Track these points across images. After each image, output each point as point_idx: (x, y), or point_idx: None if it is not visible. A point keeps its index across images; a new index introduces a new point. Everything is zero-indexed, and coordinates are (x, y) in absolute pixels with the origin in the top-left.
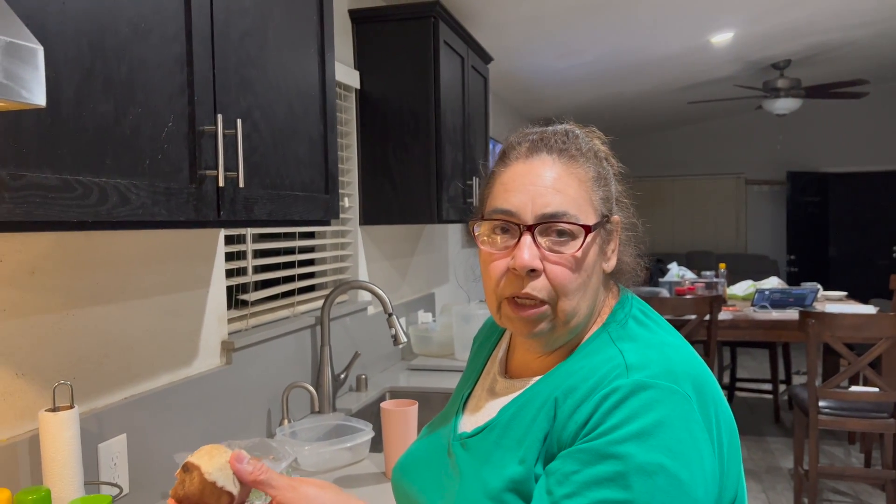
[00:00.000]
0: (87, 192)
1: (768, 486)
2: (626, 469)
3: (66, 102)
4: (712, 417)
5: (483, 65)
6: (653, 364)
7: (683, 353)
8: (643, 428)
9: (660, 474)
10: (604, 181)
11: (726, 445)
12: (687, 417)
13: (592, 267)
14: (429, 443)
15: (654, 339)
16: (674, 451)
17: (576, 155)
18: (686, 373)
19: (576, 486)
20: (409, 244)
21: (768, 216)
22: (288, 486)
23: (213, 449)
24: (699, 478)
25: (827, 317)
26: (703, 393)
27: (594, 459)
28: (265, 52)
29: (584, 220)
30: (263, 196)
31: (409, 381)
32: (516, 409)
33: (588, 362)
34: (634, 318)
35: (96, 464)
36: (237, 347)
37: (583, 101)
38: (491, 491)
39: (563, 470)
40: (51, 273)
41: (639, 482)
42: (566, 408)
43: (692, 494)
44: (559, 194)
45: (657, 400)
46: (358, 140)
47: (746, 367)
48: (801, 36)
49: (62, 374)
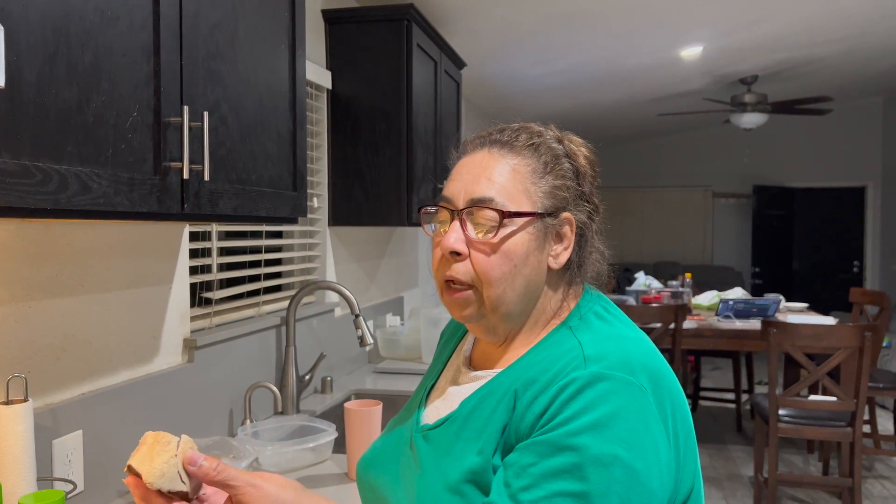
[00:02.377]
0: (47, 178)
1: (729, 493)
2: (581, 461)
3: (28, 86)
4: (668, 410)
5: (456, 70)
6: (610, 356)
7: (641, 346)
8: (599, 419)
9: (615, 465)
10: (552, 176)
11: (682, 438)
12: (642, 409)
13: (523, 258)
14: (392, 436)
15: (612, 332)
16: (629, 442)
17: (518, 147)
18: (643, 365)
19: (533, 479)
20: (379, 247)
21: (734, 229)
22: (248, 482)
23: (156, 443)
24: (654, 469)
25: (788, 326)
26: (659, 385)
27: (551, 451)
28: (235, 46)
29: (514, 208)
30: (229, 191)
31: (376, 383)
32: (477, 400)
33: (548, 354)
34: (596, 313)
35: (50, 460)
36: (199, 345)
37: (555, 109)
38: (450, 482)
39: (520, 462)
40: (8, 263)
41: (595, 473)
42: (525, 399)
43: (647, 485)
44: (489, 182)
45: (613, 391)
46: (329, 140)
47: (710, 376)
48: (769, 52)
49: (17, 367)
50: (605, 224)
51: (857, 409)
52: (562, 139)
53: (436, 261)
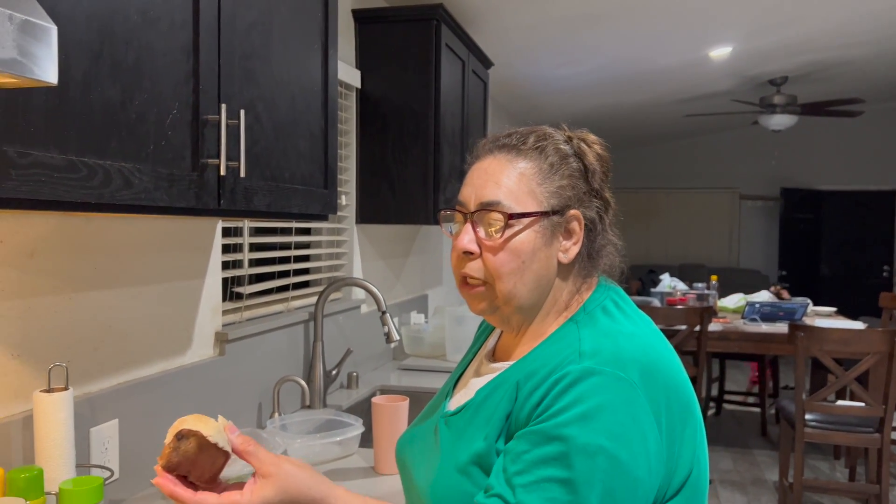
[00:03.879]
0: (92, 173)
1: (753, 498)
2: (568, 450)
3: (75, 84)
4: (661, 403)
5: (483, 69)
6: (604, 351)
7: (638, 342)
8: (586, 411)
9: (600, 455)
10: (558, 176)
11: (678, 428)
12: (630, 402)
13: (531, 254)
14: (424, 421)
15: (612, 328)
16: (614, 433)
17: (524, 150)
18: (635, 360)
19: (525, 465)
20: (404, 245)
21: (761, 231)
22: (270, 461)
23: (199, 418)
24: (641, 458)
25: (816, 330)
26: (652, 379)
27: (542, 441)
28: (270, 45)
29: (520, 210)
30: (263, 187)
31: (400, 380)
32: (489, 390)
33: (551, 349)
34: (603, 308)
35: (87, 447)
36: (231, 339)
37: (581, 110)
38: (459, 464)
39: (516, 449)
40: (50, 256)
41: (580, 462)
42: (525, 390)
43: (632, 474)
44: (497, 186)
45: (602, 386)
46: (357, 139)
47: (735, 380)
48: (799, 53)
49: (57, 356)
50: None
51: (886, 415)
52: (572, 138)
53: (454, 259)
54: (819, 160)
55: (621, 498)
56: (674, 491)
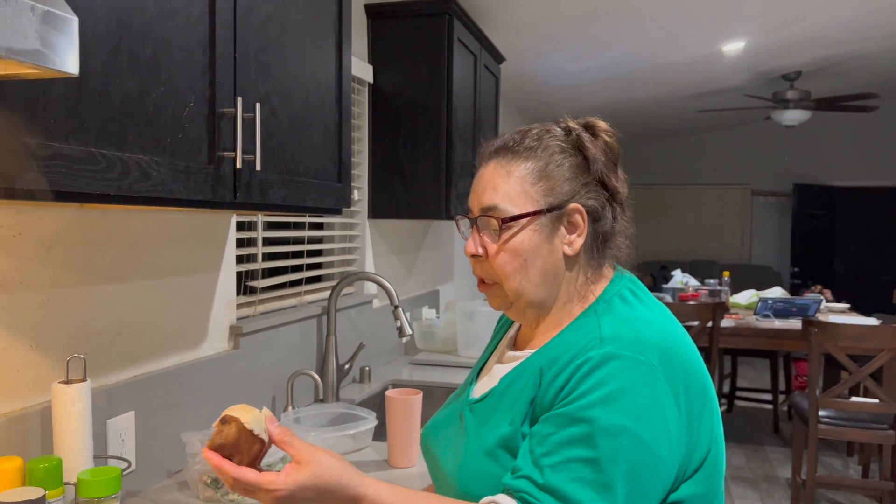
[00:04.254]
0: (111, 165)
1: (766, 495)
2: (592, 431)
3: (94, 76)
4: (680, 384)
5: (495, 64)
6: (623, 337)
7: (656, 327)
8: (608, 394)
9: (623, 435)
10: (554, 173)
11: (696, 408)
12: (650, 384)
13: (532, 251)
14: (449, 409)
15: (630, 315)
16: (636, 414)
17: (518, 152)
18: (654, 344)
19: (552, 446)
20: (416, 240)
21: (773, 228)
22: (306, 450)
23: (245, 407)
24: (662, 437)
25: (830, 326)
26: (670, 362)
27: (567, 423)
28: (285, 39)
29: (518, 211)
30: (279, 181)
31: (412, 374)
32: (513, 377)
33: (572, 336)
34: (621, 296)
35: (104, 439)
36: (245, 332)
37: (591, 106)
38: (487, 447)
39: (542, 432)
40: (67, 249)
41: (604, 442)
42: (549, 375)
43: (655, 452)
44: (494, 191)
45: (622, 369)
46: (369, 134)
47: (746, 377)
48: (813, 47)
49: (75, 349)
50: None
51: None
52: (571, 131)
53: (470, 261)
54: (832, 156)
55: (644, 475)
56: (693, 469)
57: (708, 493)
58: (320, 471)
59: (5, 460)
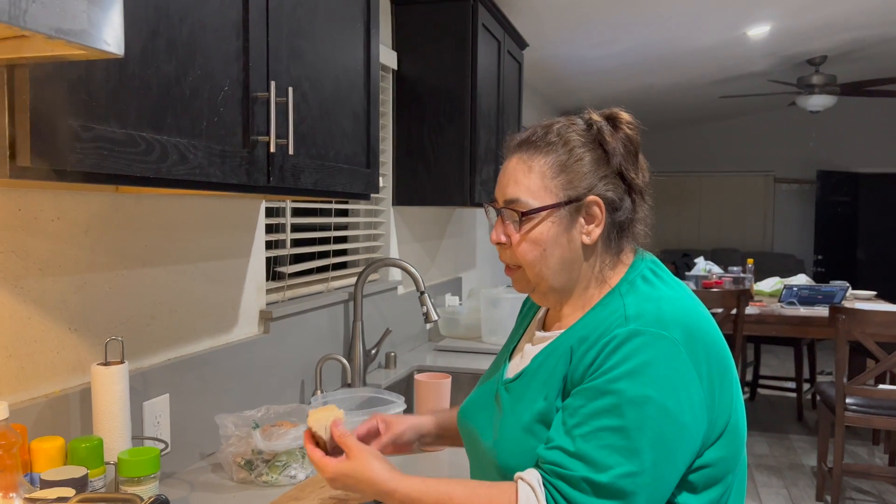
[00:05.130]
0: (150, 148)
1: (790, 483)
2: (619, 402)
3: (133, 59)
4: (701, 357)
5: (518, 50)
6: (647, 314)
7: (677, 304)
8: (634, 367)
9: (648, 404)
10: (573, 167)
11: (717, 379)
12: (673, 357)
13: (551, 242)
14: (484, 389)
15: (653, 294)
16: (660, 385)
17: (540, 146)
18: (676, 320)
19: (582, 417)
20: (439, 227)
21: (796, 215)
22: (358, 449)
23: (326, 410)
24: (686, 406)
25: (858, 313)
26: (692, 337)
27: (595, 395)
28: (315, 24)
29: (538, 203)
30: (310, 165)
31: (436, 360)
32: (544, 356)
33: (599, 316)
34: (643, 277)
35: (140, 420)
36: (275, 317)
37: (612, 92)
38: (523, 423)
39: (573, 405)
40: (103, 233)
41: (630, 411)
42: (579, 353)
43: (679, 420)
44: (516, 184)
45: (647, 344)
46: (393, 121)
47: (769, 365)
48: (839, 31)
49: (111, 332)
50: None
51: None
52: (593, 124)
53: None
54: (857, 142)
55: (670, 441)
56: (716, 435)
57: (732, 456)
58: (361, 466)
59: (48, 440)
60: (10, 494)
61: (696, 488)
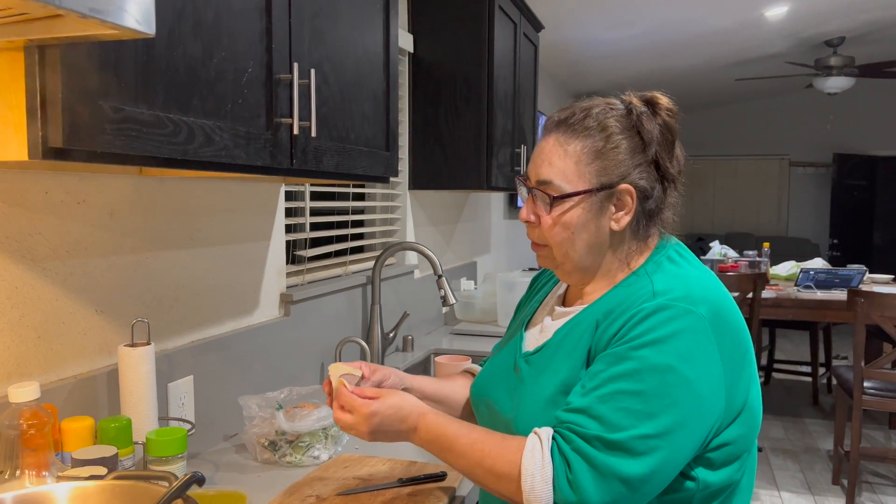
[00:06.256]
0: (177, 129)
1: (806, 466)
2: (640, 367)
3: (160, 41)
4: (725, 336)
5: (534, 32)
6: (675, 290)
7: (704, 283)
8: (658, 337)
9: (669, 373)
10: (609, 154)
11: (738, 359)
12: (698, 331)
13: (580, 226)
14: (499, 361)
15: (680, 272)
16: (682, 355)
17: (578, 130)
18: (703, 298)
19: (601, 381)
20: (454, 211)
21: (812, 199)
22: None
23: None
24: (705, 379)
25: (877, 297)
26: (717, 314)
27: (616, 361)
28: (336, 5)
29: (570, 188)
30: (332, 148)
31: (452, 344)
32: (568, 329)
33: (625, 292)
34: (669, 257)
35: (166, 401)
36: (295, 300)
37: (626, 75)
38: (547, 394)
39: (593, 369)
40: (128, 216)
41: (650, 377)
42: (604, 325)
43: (697, 391)
44: (550, 166)
45: (673, 317)
46: (409, 104)
47: (784, 349)
48: (857, 12)
49: (136, 314)
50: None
51: None
52: (632, 111)
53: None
54: (875, 124)
55: (687, 411)
56: (735, 413)
57: (749, 433)
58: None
59: (78, 420)
60: (43, 473)
61: (714, 464)
